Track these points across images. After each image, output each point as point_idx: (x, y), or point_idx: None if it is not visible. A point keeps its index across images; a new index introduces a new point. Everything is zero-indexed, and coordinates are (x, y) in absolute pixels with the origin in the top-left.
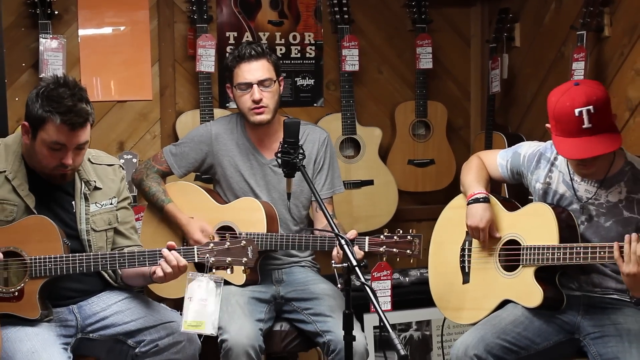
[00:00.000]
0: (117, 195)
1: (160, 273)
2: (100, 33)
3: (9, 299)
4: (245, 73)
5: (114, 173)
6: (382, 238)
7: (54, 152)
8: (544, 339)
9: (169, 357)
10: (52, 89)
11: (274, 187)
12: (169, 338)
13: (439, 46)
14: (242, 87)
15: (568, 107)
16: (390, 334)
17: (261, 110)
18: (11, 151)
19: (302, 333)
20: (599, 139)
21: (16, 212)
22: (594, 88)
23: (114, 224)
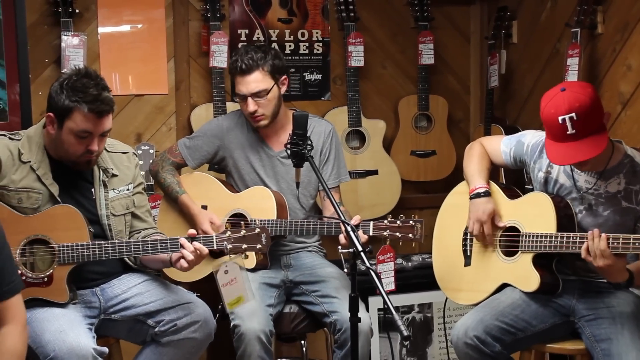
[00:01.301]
0: (133, 181)
1: (185, 264)
2: (118, 30)
3: (39, 284)
4: (240, 86)
5: (128, 160)
6: (386, 223)
7: (81, 139)
8: (540, 321)
9: (187, 335)
10: (75, 80)
11: (282, 178)
12: (187, 318)
13: (440, 43)
14: (239, 97)
15: (552, 114)
16: (393, 315)
17: (258, 119)
18: (34, 142)
19: (310, 314)
20: (583, 144)
21: (41, 199)
22: (579, 94)
23: (131, 208)
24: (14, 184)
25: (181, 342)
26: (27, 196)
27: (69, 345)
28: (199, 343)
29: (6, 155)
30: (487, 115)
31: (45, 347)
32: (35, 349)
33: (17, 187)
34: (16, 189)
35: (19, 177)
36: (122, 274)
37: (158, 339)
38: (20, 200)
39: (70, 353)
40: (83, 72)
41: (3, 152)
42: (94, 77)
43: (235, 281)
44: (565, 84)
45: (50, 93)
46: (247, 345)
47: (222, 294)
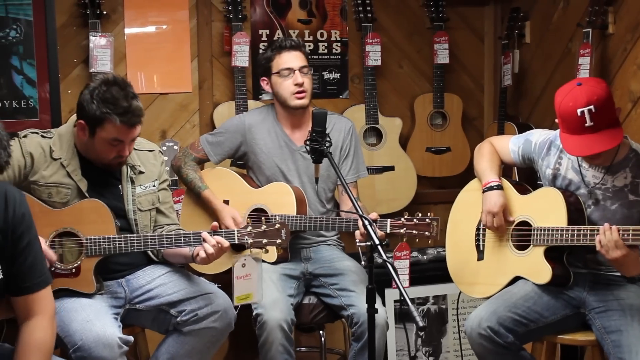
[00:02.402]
0: (159, 178)
1: (203, 254)
2: (144, 31)
3: (67, 275)
4: (287, 60)
5: (154, 158)
6: (403, 220)
7: (113, 146)
8: (552, 312)
9: (208, 325)
10: (105, 90)
11: (303, 172)
12: (208, 308)
13: (455, 43)
14: (285, 72)
15: (571, 107)
16: (409, 307)
17: (302, 95)
18: (65, 140)
19: (329, 306)
20: (600, 136)
21: (70, 194)
22: (595, 87)
23: (157, 204)
24: (44, 179)
25: (202, 331)
26: (56, 191)
27: (96, 334)
28: (219, 332)
29: (38, 152)
30: (500, 113)
31: (72, 336)
32: (63, 337)
33: (48, 182)
34: (46, 184)
35: (49, 173)
36: (146, 266)
37: (180, 328)
38: (50, 195)
39: (96, 342)
40: (112, 80)
41: (35, 149)
42: (122, 86)
43: (250, 277)
44: (581, 79)
45: (80, 102)
46: (269, 333)
47: (234, 285)
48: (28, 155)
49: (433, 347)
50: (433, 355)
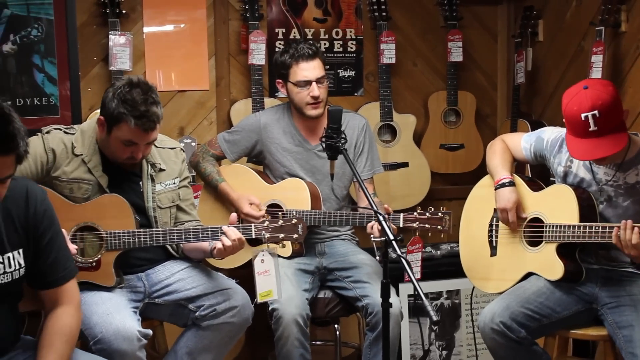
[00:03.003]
0: (179, 175)
1: (221, 247)
2: (162, 30)
3: (88, 268)
4: (305, 71)
5: (175, 155)
6: (416, 215)
7: (126, 147)
8: (564, 308)
9: (226, 320)
10: (127, 90)
11: (318, 170)
12: (226, 303)
13: (468, 41)
14: (302, 84)
15: (575, 111)
16: (423, 301)
17: (317, 106)
18: (87, 137)
19: (344, 299)
20: (604, 140)
21: (91, 190)
22: (601, 92)
23: (177, 201)
24: (66, 174)
25: (220, 326)
26: (77, 186)
27: (115, 327)
28: (237, 327)
29: (60, 148)
30: (513, 110)
31: (93, 328)
32: (84, 330)
33: (69, 178)
34: (68, 179)
35: (71, 169)
36: (166, 261)
37: (198, 322)
38: (71, 190)
39: (116, 334)
40: (135, 83)
41: (58, 145)
42: (144, 90)
43: (269, 273)
44: (588, 82)
45: (103, 98)
46: (284, 327)
47: (256, 281)
48: (50, 151)
49: (446, 341)
50: (446, 349)
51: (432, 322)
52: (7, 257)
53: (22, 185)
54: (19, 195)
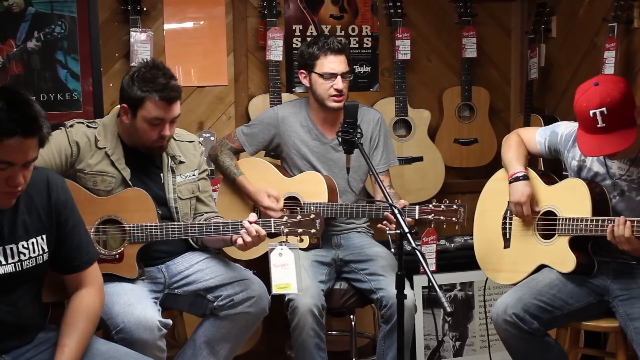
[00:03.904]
0: (198, 168)
1: (241, 242)
2: (182, 27)
3: (111, 260)
4: (332, 64)
5: (194, 148)
6: (431, 207)
7: (154, 126)
8: (576, 300)
9: (243, 310)
10: (144, 71)
11: (334, 164)
12: (243, 293)
13: (482, 37)
14: (327, 76)
15: (584, 107)
16: (437, 293)
17: (340, 99)
18: (109, 130)
19: (359, 291)
20: (612, 137)
21: (114, 183)
22: (611, 89)
23: (196, 192)
24: (89, 167)
25: (237, 315)
26: (101, 179)
27: (137, 317)
28: (254, 317)
29: (84, 141)
30: (526, 105)
31: (115, 318)
32: (106, 320)
33: (93, 170)
34: (92, 172)
35: (94, 162)
36: (186, 252)
37: (216, 312)
38: (95, 183)
39: (137, 324)
40: (151, 64)
41: (81, 139)
42: (161, 67)
43: (287, 267)
44: (599, 78)
45: (122, 86)
46: (300, 318)
47: (271, 273)
48: (74, 144)
49: (460, 332)
50: (459, 340)
51: (445, 313)
52: (31, 242)
53: (42, 174)
54: (41, 184)
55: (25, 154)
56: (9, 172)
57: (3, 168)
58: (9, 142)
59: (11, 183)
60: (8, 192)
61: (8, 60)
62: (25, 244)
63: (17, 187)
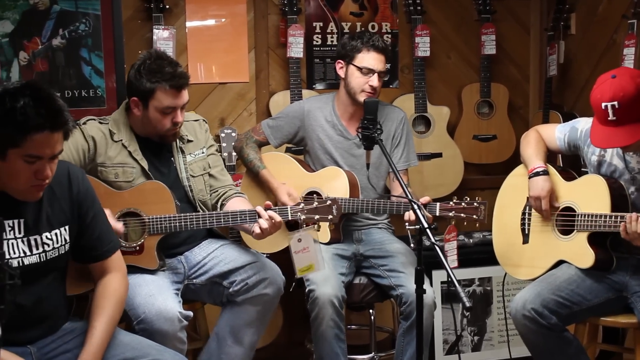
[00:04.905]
0: (205, 144)
1: (258, 230)
2: (204, 24)
3: (131, 252)
4: (373, 60)
5: (199, 127)
6: (452, 204)
7: (166, 115)
8: (594, 295)
9: (259, 292)
10: (150, 63)
11: (356, 160)
12: (256, 276)
13: (501, 34)
14: (365, 71)
15: (598, 99)
16: (457, 288)
17: (372, 95)
18: (121, 123)
19: (378, 286)
20: (622, 130)
21: (135, 173)
22: (627, 83)
23: (208, 169)
24: (110, 160)
25: (255, 299)
26: (122, 171)
27: (158, 308)
28: (271, 298)
29: (99, 135)
30: (545, 102)
31: (136, 309)
32: (128, 310)
33: (114, 163)
34: (113, 164)
35: (114, 154)
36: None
37: (233, 299)
38: (117, 175)
39: (158, 315)
40: (154, 54)
41: (96, 133)
42: (165, 57)
43: (308, 250)
44: (618, 71)
45: (129, 79)
46: (320, 308)
47: (293, 260)
48: (90, 139)
49: (478, 327)
50: (478, 335)
51: (465, 308)
52: (54, 233)
53: (63, 167)
54: (62, 176)
55: (52, 147)
56: (37, 165)
57: (32, 162)
58: (38, 136)
59: (39, 176)
60: (36, 185)
61: (33, 58)
62: (49, 235)
63: (44, 180)
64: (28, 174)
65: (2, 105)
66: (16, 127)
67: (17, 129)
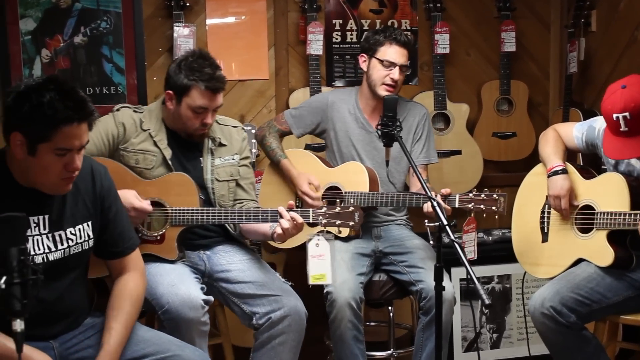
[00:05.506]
0: (239, 153)
1: (280, 230)
2: (224, 22)
3: (152, 241)
4: (395, 54)
5: (237, 133)
6: (471, 196)
7: (197, 114)
8: (614, 294)
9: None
10: (191, 60)
11: (377, 153)
12: (280, 312)
13: (521, 31)
14: (386, 64)
15: (609, 110)
16: (476, 284)
17: (392, 89)
18: (154, 115)
19: (398, 283)
20: (634, 141)
21: (155, 161)
22: (637, 92)
23: (236, 176)
24: (133, 146)
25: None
26: (143, 157)
27: (181, 297)
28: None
29: (130, 123)
30: (565, 99)
31: (160, 299)
32: (151, 300)
33: (136, 149)
34: (134, 150)
35: (138, 141)
36: (224, 242)
37: (258, 336)
38: (137, 161)
39: (182, 304)
40: (198, 53)
41: (127, 120)
42: (207, 57)
43: (323, 258)
44: (628, 80)
45: (168, 73)
46: (338, 310)
47: (308, 263)
48: (121, 125)
49: (497, 324)
50: (497, 332)
51: (484, 305)
52: (78, 229)
53: (86, 163)
54: (85, 172)
55: (80, 138)
56: (67, 157)
57: (62, 154)
58: (67, 129)
59: (69, 168)
60: (66, 178)
61: (55, 55)
62: (73, 230)
63: (74, 171)
64: (59, 167)
65: (28, 101)
66: (45, 121)
67: (46, 123)
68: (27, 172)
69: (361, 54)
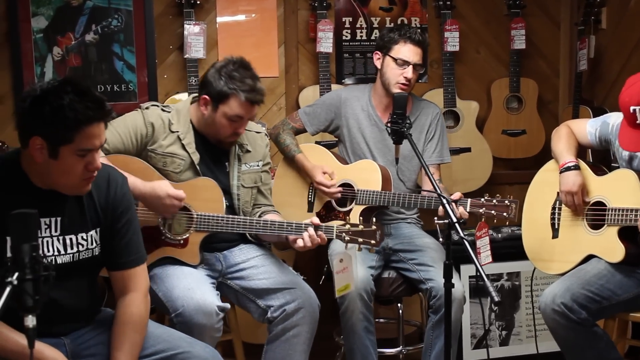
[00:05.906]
0: (263, 159)
1: (301, 244)
2: (234, 19)
3: (175, 245)
4: (409, 52)
5: (261, 139)
6: (483, 201)
7: (232, 122)
8: (624, 290)
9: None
10: (232, 69)
11: (389, 150)
12: (294, 304)
13: (531, 29)
14: (400, 62)
15: (626, 102)
16: (485, 282)
17: (405, 88)
18: (182, 116)
19: (407, 280)
20: None
21: (183, 165)
22: None
23: (258, 183)
24: (161, 148)
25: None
26: (171, 160)
27: (196, 302)
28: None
29: (159, 123)
30: (575, 97)
31: (175, 302)
32: (166, 302)
33: (164, 151)
34: (163, 153)
35: (167, 143)
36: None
37: (273, 328)
38: (165, 164)
39: (197, 309)
40: (239, 62)
41: (156, 120)
42: (249, 68)
43: (347, 271)
44: None
45: (206, 77)
46: (350, 302)
47: (335, 280)
48: (150, 125)
49: (506, 322)
50: (506, 330)
51: (493, 302)
52: (89, 234)
53: (104, 170)
54: (102, 179)
55: (100, 138)
56: (88, 157)
57: (83, 155)
58: (89, 129)
59: (90, 167)
60: (87, 178)
61: (67, 53)
62: (85, 236)
63: (95, 171)
64: (80, 168)
65: (48, 105)
66: (67, 123)
67: (68, 125)
68: (47, 175)
69: (375, 51)
